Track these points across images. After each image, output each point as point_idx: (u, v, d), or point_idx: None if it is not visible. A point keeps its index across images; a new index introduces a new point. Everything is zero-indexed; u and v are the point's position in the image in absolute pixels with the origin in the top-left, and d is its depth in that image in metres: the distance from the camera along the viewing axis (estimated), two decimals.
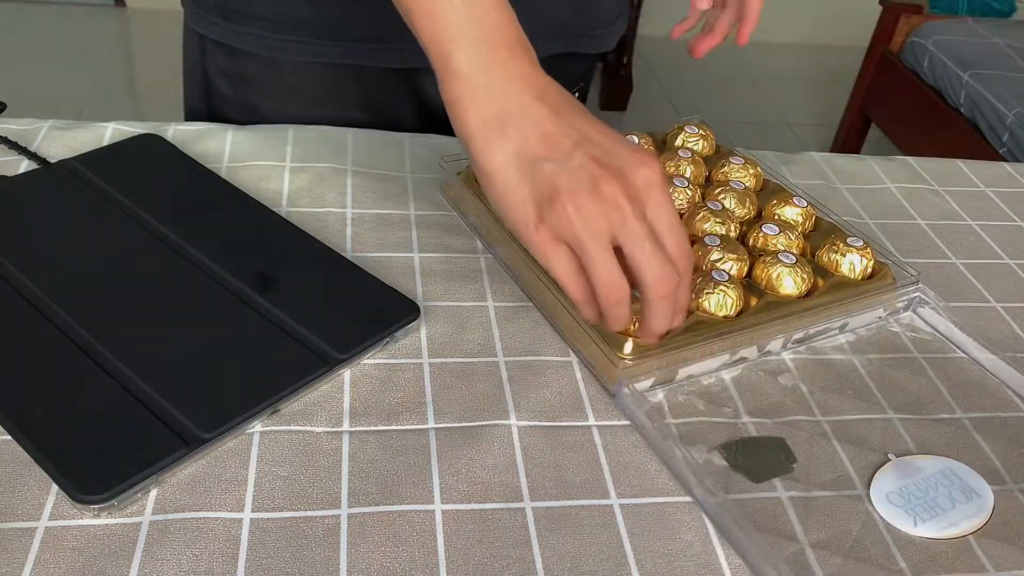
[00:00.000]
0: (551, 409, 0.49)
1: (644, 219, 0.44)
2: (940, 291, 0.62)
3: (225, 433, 0.44)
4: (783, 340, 0.55)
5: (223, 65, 0.75)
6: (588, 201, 0.43)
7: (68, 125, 0.68)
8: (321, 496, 0.43)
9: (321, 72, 0.73)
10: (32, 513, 0.40)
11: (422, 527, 0.42)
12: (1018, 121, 1.97)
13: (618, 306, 0.45)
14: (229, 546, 0.40)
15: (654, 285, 0.44)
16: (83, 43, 2.93)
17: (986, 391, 0.54)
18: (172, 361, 0.47)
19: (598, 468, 0.46)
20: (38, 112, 0.71)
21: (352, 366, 0.50)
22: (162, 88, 2.41)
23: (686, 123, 0.71)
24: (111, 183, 0.60)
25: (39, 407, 0.44)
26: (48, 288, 0.51)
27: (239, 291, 0.52)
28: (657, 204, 0.44)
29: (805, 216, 0.62)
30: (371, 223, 0.62)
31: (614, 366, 0.49)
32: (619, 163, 0.45)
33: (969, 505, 0.46)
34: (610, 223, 0.44)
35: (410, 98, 0.77)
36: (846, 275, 0.57)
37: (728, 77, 3.14)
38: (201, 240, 0.56)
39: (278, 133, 0.70)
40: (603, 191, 0.44)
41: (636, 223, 0.44)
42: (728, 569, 0.42)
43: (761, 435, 0.49)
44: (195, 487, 0.42)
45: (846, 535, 0.44)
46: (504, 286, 0.58)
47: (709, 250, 0.56)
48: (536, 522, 0.43)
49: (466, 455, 0.45)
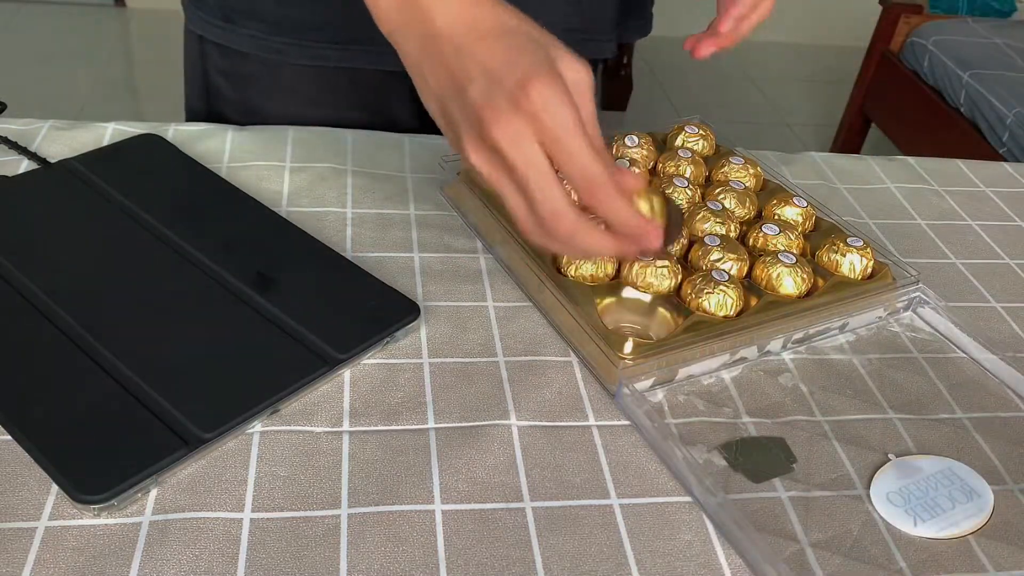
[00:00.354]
0: (551, 409, 0.49)
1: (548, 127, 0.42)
2: (940, 291, 0.62)
3: (225, 433, 0.44)
4: (783, 340, 0.55)
5: (222, 66, 0.75)
6: (499, 128, 0.42)
7: (68, 125, 0.68)
8: (321, 496, 0.43)
9: (319, 73, 0.73)
10: (32, 513, 0.40)
11: (422, 527, 0.42)
12: (1018, 121, 1.97)
13: (570, 239, 0.44)
14: (229, 546, 0.40)
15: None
16: (83, 43, 2.93)
17: (986, 391, 0.54)
18: (172, 361, 0.47)
19: (598, 468, 0.46)
20: (38, 112, 0.72)
21: (352, 366, 0.50)
22: (162, 88, 2.41)
23: (686, 123, 0.71)
24: (111, 183, 0.60)
25: (39, 407, 0.44)
26: (48, 288, 0.51)
27: (239, 291, 0.52)
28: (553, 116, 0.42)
29: (805, 216, 0.62)
30: (371, 223, 0.62)
31: (614, 366, 0.49)
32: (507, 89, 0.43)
33: (969, 505, 0.46)
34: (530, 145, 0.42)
35: (408, 99, 0.77)
36: (846, 275, 0.57)
37: (728, 77, 3.14)
38: (201, 240, 0.56)
39: (278, 133, 0.70)
40: (502, 123, 0.42)
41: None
42: (728, 569, 0.42)
43: (761, 435, 0.49)
44: (195, 487, 0.42)
45: (846, 535, 0.44)
46: (504, 286, 0.58)
47: (709, 250, 0.56)
48: (536, 522, 0.43)
49: (466, 455, 0.45)
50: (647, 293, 0.54)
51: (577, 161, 0.42)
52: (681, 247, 0.58)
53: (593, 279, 0.55)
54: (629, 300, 0.54)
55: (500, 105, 0.42)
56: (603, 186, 0.43)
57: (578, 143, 0.42)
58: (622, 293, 0.54)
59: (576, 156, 0.42)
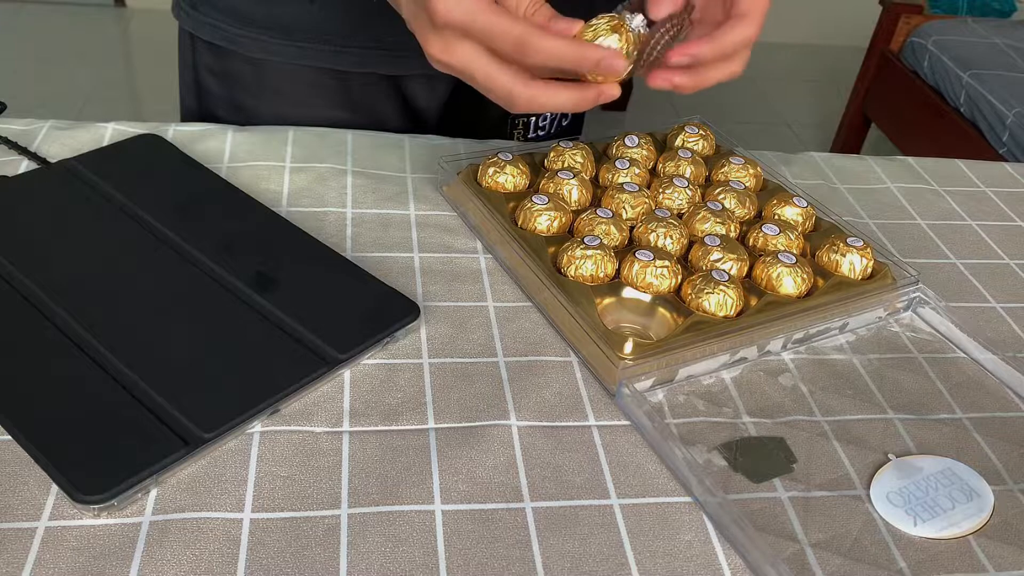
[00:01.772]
0: (551, 409, 0.49)
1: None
2: (940, 291, 0.62)
3: (225, 433, 0.44)
4: (783, 340, 0.55)
5: (211, 64, 0.76)
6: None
7: (68, 125, 0.68)
8: (321, 496, 0.43)
9: (307, 73, 0.74)
10: (32, 513, 0.40)
11: (422, 527, 0.42)
12: (1018, 121, 1.97)
13: (533, 107, 0.48)
14: (229, 546, 0.40)
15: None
16: (83, 43, 2.93)
17: (986, 391, 0.54)
18: (172, 361, 0.47)
19: (598, 468, 0.46)
20: (38, 112, 0.72)
21: (352, 366, 0.50)
22: (162, 88, 2.41)
23: (686, 123, 0.71)
24: (111, 183, 0.60)
25: (39, 407, 0.44)
26: (48, 288, 0.51)
27: (239, 291, 0.52)
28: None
29: (805, 216, 0.62)
30: (371, 223, 0.62)
31: (614, 366, 0.49)
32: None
33: (969, 505, 0.46)
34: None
35: (395, 101, 0.78)
36: (846, 275, 0.57)
37: None
38: (201, 240, 0.56)
39: (278, 133, 0.70)
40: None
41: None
42: (728, 569, 0.42)
43: (761, 435, 0.49)
44: (195, 487, 0.42)
45: (846, 535, 0.44)
46: (504, 286, 0.58)
47: (709, 250, 0.56)
48: (536, 522, 0.43)
49: (466, 455, 0.45)
50: (647, 293, 0.54)
51: (497, 36, 0.46)
52: (681, 248, 0.58)
53: (593, 279, 0.55)
54: (629, 300, 0.54)
55: (424, 26, 0.47)
56: (526, 41, 0.46)
57: (488, 21, 0.45)
58: (622, 293, 0.54)
59: (495, 32, 0.45)
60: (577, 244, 0.55)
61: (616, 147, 0.68)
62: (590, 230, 0.57)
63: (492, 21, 0.45)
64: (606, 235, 0.57)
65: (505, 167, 0.62)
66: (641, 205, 0.61)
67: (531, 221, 0.58)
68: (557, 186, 0.61)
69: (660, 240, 0.57)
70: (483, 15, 0.45)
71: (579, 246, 0.55)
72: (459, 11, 0.45)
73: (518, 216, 0.59)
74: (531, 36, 0.45)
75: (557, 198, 0.60)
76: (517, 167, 0.63)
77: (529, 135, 0.83)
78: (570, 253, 0.55)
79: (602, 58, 0.46)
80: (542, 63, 0.46)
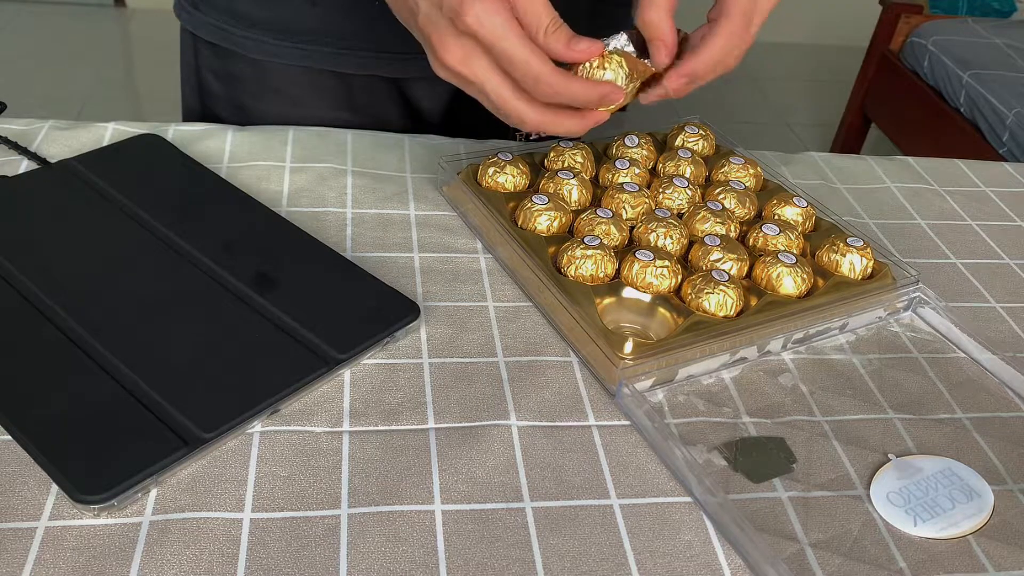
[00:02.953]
0: (551, 409, 0.49)
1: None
2: (940, 291, 0.62)
3: (225, 433, 0.44)
4: (783, 340, 0.55)
5: (213, 64, 0.76)
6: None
7: (68, 125, 0.68)
8: (321, 496, 0.43)
9: (309, 75, 0.74)
10: (32, 513, 0.40)
11: (422, 527, 0.42)
12: (1018, 121, 1.97)
13: (541, 130, 0.50)
14: (229, 546, 0.40)
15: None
16: (83, 43, 2.93)
17: (986, 391, 0.54)
18: (172, 361, 0.47)
19: (598, 468, 0.46)
20: (38, 112, 0.72)
21: (352, 366, 0.50)
22: (162, 88, 2.41)
23: (686, 123, 0.71)
24: (111, 183, 0.60)
25: (39, 407, 0.44)
26: (48, 288, 0.51)
27: (239, 291, 0.52)
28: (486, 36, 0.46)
29: (805, 216, 0.62)
30: (371, 223, 0.62)
31: (614, 366, 0.49)
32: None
33: (969, 505, 0.46)
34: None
35: (397, 103, 0.78)
36: (846, 275, 0.57)
37: (728, 77, 3.13)
38: (201, 240, 0.56)
39: (278, 133, 0.70)
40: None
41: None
42: (728, 569, 0.42)
43: (761, 435, 0.49)
44: (195, 487, 0.42)
45: (846, 535, 0.44)
46: (504, 286, 0.58)
47: (709, 250, 0.56)
48: (536, 522, 0.43)
49: (466, 455, 0.45)
50: (647, 293, 0.54)
51: (518, 66, 0.46)
52: (681, 248, 0.58)
53: (593, 279, 0.55)
54: (629, 300, 0.54)
55: (443, 30, 0.47)
56: (546, 80, 0.47)
57: (513, 49, 0.46)
58: (622, 293, 0.54)
59: (515, 62, 0.46)
60: (577, 244, 0.55)
61: (616, 147, 0.68)
62: (590, 230, 0.57)
63: (517, 50, 0.46)
64: (606, 235, 0.57)
65: (505, 167, 0.62)
66: (641, 205, 0.61)
67: (531, 221, 0.58)
68: (557, 186, 0.61)
69: (660, 240, 0.57)
70: (509, 40, 0.46)
71: (579, 246, 0.55)
72: (489, 26, 0.45)
73: (518, 216, 0.59)
74: (550, 77, 0.47)
75: (557, 198, 0.60)
76: (517, 167, 0.63)
77: (530, 136, 0.83)
78: (570, 253, 0.55)
79: (607, 93, 0.49)
80: (553, 99, 0.48)
